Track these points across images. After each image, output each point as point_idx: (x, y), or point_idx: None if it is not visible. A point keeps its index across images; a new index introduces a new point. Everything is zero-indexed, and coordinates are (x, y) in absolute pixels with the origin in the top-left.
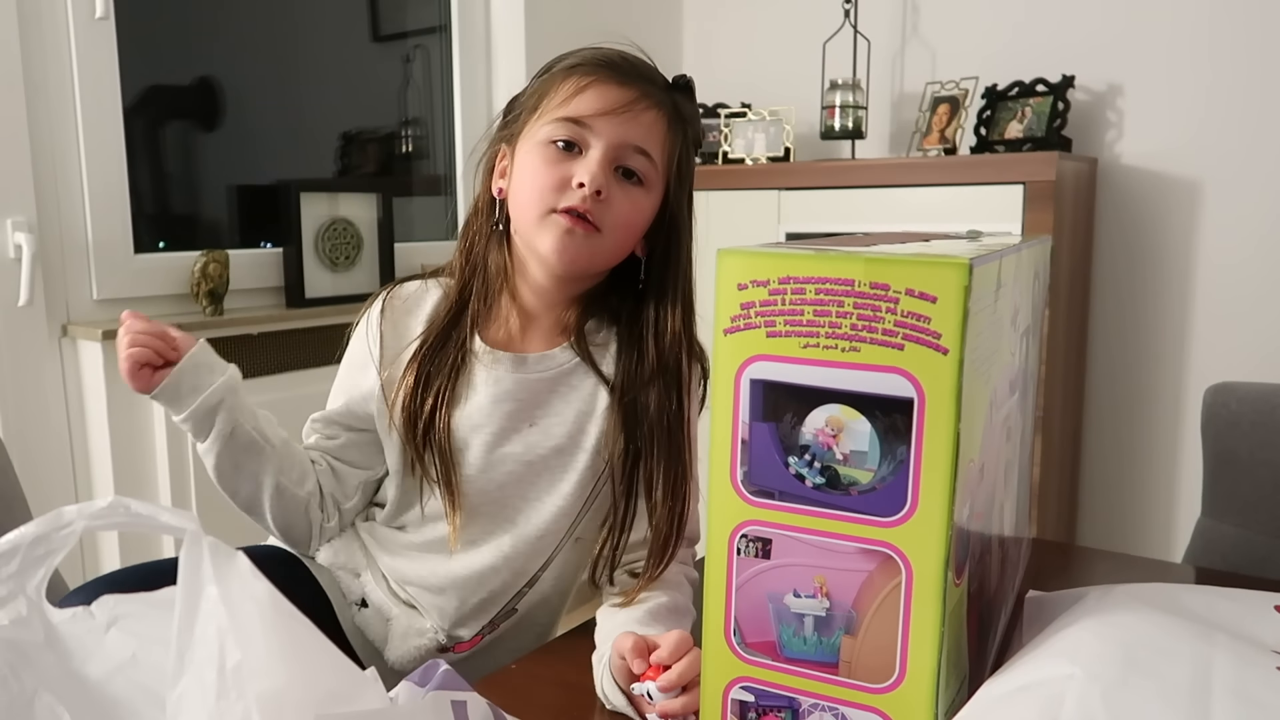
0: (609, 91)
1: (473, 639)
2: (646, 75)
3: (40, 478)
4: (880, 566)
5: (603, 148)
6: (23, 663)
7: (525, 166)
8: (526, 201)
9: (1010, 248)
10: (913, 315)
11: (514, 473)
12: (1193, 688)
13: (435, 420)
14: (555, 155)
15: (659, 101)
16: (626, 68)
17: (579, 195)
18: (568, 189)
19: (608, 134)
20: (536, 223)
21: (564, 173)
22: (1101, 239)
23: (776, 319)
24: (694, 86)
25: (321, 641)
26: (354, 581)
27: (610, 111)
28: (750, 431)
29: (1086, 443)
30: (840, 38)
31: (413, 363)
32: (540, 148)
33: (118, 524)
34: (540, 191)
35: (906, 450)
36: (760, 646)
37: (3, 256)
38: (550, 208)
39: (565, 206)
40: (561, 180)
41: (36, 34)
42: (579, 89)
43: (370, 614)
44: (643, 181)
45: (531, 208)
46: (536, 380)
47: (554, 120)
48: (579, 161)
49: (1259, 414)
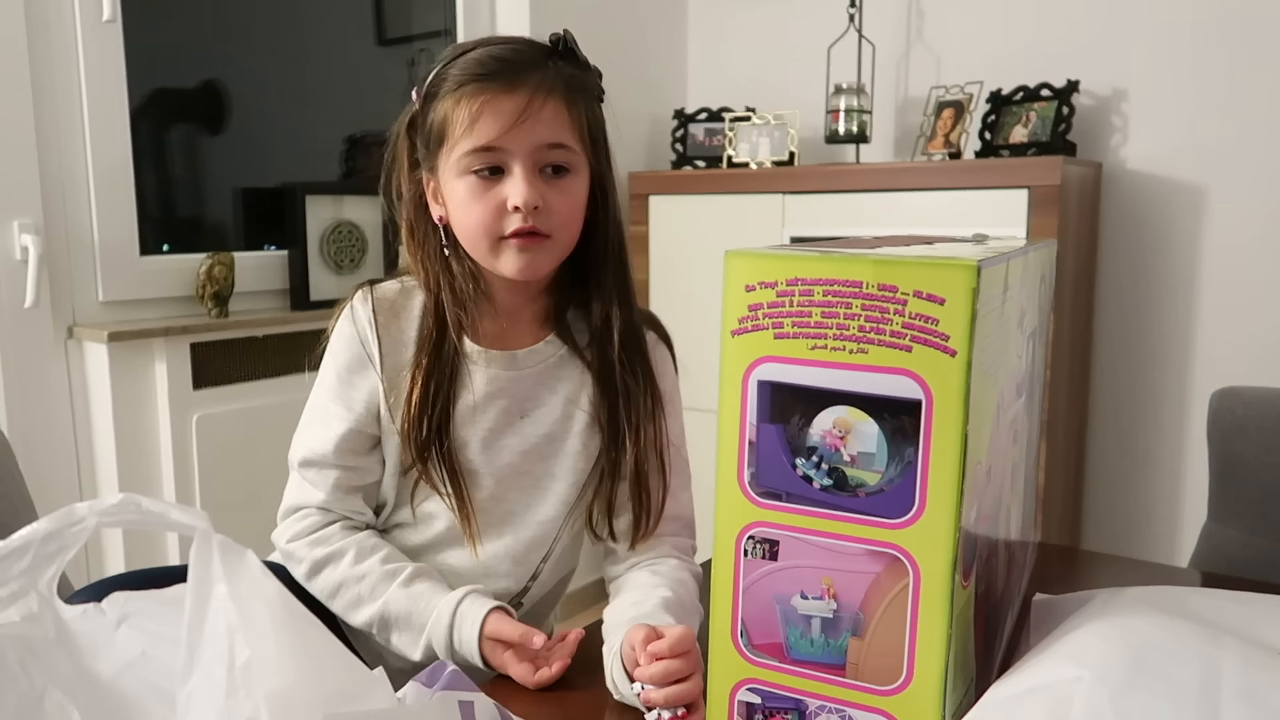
0: (502, 104)
1: (523, 589)
2: (526, 61)
3: (45, 478)
4: (888, 568)
5: (522, 161)
6: (33, 659)
7: (457, 201)
8: (473, 236)
9: (1017, 251)
10: (921, 317)
11: (511, 464)
12: (1201, 691)
13: (443, 432)
14: (480, 185)
15: (550, 86)
16: (506, 68)
17: (519, 218)
18: (505, 214)
19: (521, 146)
20: (489, 253)
21: (496, 199)
22: (1106, 243)
23: (784, 320)
24: (571, 40)
25: (330, 641)
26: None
27: (514, 125)
28: (758, 433)
29: (1091, 446)
30: (845, 42)
31: (415, 375)
32: (464, 181)
33: (129, 521)
34: (482, 225)
35: (914, 452)
36: (767, 648)
37: (9, 258)
38: (497, 236)
39: (511, 232)
40: (497, 209)
41: (44, 37)
42: (475, 115)
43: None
44: (569, 169)
45: (479, 241)
46: (528, 375)
47: (465, 154)
48: (506, 182)
49: (1265, 418)
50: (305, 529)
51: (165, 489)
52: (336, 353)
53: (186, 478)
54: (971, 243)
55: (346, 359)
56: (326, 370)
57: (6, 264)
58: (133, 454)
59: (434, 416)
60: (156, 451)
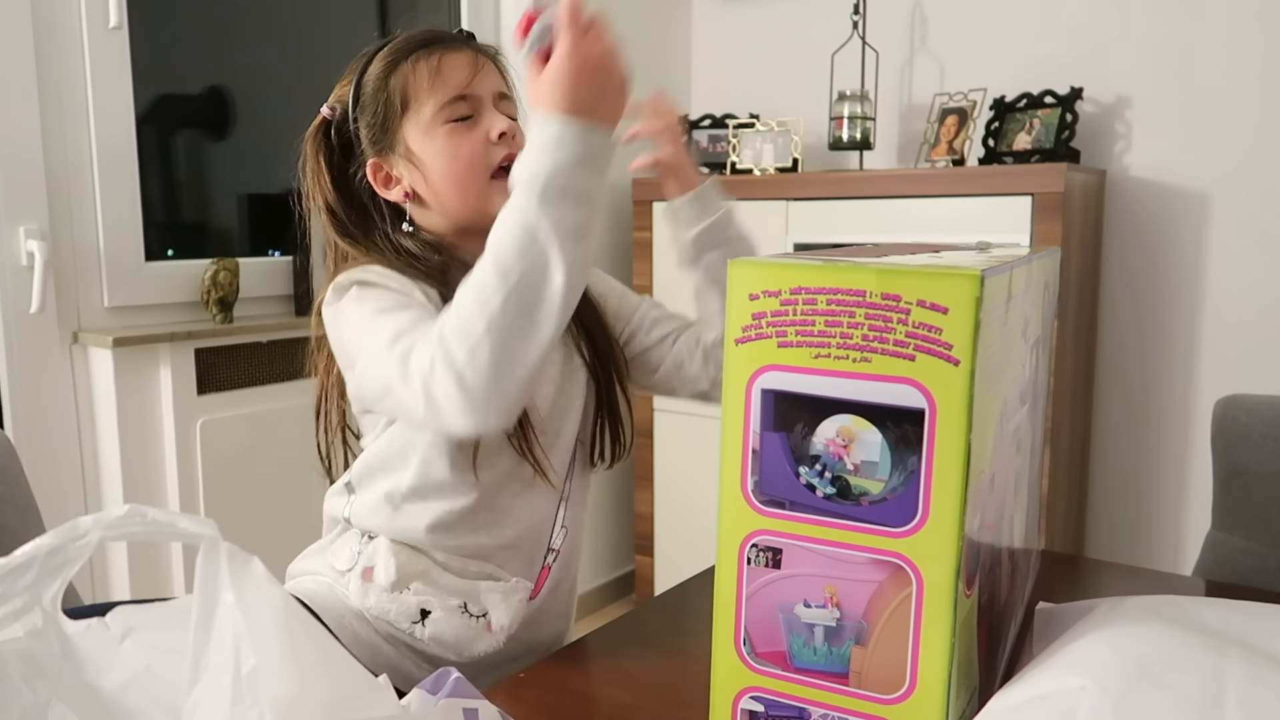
0: (458, 59)
1: (540, 579)
2: (453, 35)
3: (51, 484)
4: (891, 577)
5: (490, 101)
6: (37, 674)
7: (438, 152)
8: (462, 178)
9: (1020, 259)
10: (924, 326)
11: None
12: (1204, 700)
13: None
14: (460, 130)
15: (485, 52)
16: (447, 35)
17: (500, 150)
18: (490, 147)
19: (486, 90)
20: (480, 194)
21: (479, 136)
22: (1110, 250)
23: (788, 329)
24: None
25: (336, 649)
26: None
27: (475, 73)
28: (761, 441)
29: (1095, 455)
30: (849, 49)
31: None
32: (442, 131)
33: (135, 533)
34: (471, 162)
35: (918, 461)
36: (770, 656)
37: (15, 264)
38: (488, 171)
39: (500, 163)
40: (482, 143)
41: (50, 43)
42: (437, 70)
43: (440, 617)
44: (516, 119)
45: (470, 181)
46: None
47: (441, 105)
48: (480, 123)
49: (1269, 426)
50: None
51: (169, 494)
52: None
53: (191, 483)
54: (975, 251)
55: (399, 284)
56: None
57: (12, 270)
58: (137, 459)
59: None
60: (161, 457)
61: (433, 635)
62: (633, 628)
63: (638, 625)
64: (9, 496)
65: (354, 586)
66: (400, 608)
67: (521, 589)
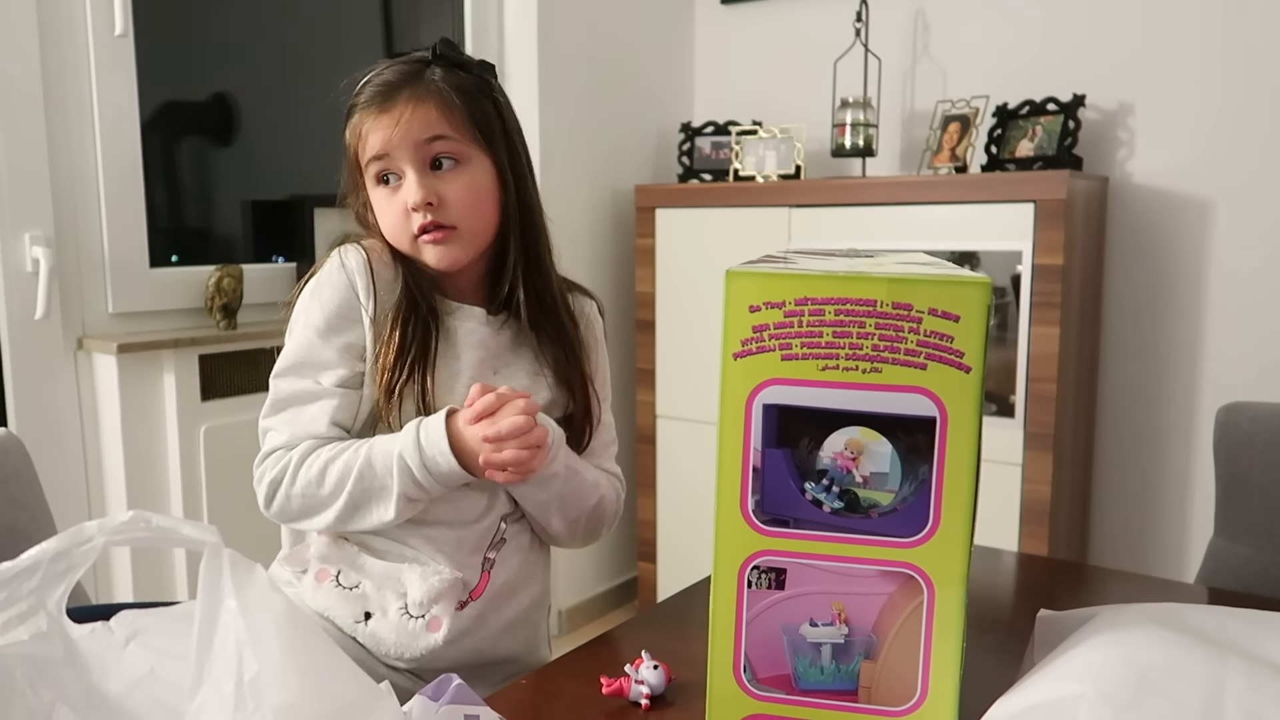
0: (379, 119)
1: (480, 582)
2: (405, 76)
3: (54, 488)
4: (901, 588)
5: (410, 162)
6: (42, 678)
7: (377, 208)
8: (393, 241)
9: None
10: (936, 334)
11: None
12: (1205, 708)
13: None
14: (386, 192)
15: (424, 92)
16: (386, 85)
17: (418, 218)
18: (408, 215)
19: (402, 148)
20: (411, 252)
21: (399, 204)
22: (1113, 257)
23: (793, 341)
24: (445, 47)
25: (338, 655)
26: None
27: (393, 130)
28: (763, 458)
29: (1099, 462)
30: (851, 56)
31: (396, 317)
32: (376, 192)
33: (139, 539)
34: (394, 230)
35: (928, 469)
36: (773, 681)
37: (20, 270)
38: (409, 237)
39: (416, 232)
40: (401, 213)
41: (56, 51)
42: (361, 133)
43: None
44: (458, 160)
45: (399, 244)
46: (499, 334)
47: (367, 164)
48: (403, 188)
49: (1272, 434)
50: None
51: (173, 500)
52: (325, 300)
53: (194, 488)
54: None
55: (334, 307)
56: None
57: (17, 276)
58: (141, 465)
59: (412, 358)
60: (164, 462)
61: (373, 633)
62: (636, 634)
63: (640, 632)
64: (23, 500)
65: (307, 586)
66: (344, 607)
67: (448, 579)
